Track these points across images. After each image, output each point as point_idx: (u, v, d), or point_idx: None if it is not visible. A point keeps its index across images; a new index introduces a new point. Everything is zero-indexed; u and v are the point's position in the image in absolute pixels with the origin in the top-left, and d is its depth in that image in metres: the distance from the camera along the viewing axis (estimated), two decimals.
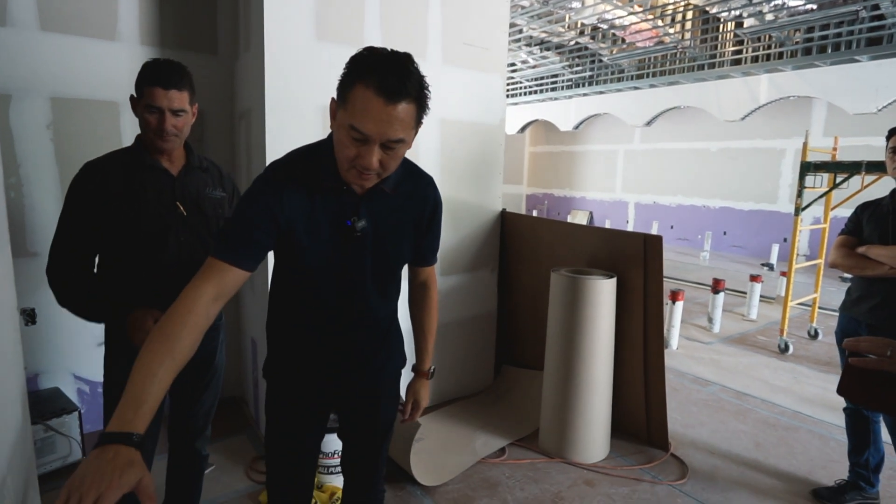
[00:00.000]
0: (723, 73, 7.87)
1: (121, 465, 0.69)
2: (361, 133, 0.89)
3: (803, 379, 3.56)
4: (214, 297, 0.92)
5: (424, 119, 0.97)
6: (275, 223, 0.98)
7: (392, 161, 0.95)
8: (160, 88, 1.30)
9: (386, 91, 0.86)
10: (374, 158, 0.92)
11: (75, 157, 2.09)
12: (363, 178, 0.96)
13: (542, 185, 14.30)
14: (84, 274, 1.37)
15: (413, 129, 0.95)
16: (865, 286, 1.97)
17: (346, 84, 0.90)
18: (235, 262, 0.95)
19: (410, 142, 0.96)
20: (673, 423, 2.73)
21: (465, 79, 2.72)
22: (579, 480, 2.24)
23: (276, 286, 1.15)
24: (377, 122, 0.88)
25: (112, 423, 0.74)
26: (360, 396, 1.22)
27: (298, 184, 1.00)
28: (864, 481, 2.10)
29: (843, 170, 3.85)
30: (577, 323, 2.32)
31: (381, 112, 0.87)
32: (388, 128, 0.89)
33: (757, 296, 5.15)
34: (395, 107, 0.88)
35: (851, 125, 8.04)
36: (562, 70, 9.61)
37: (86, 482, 0.67)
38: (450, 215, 2.78)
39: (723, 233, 10.21)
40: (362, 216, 1.04)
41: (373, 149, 0.91)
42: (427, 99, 0.95)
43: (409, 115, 0.91)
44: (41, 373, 2.30)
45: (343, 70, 0.91)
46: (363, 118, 0.88)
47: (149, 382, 0.79)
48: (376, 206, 1.05)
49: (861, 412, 2.08)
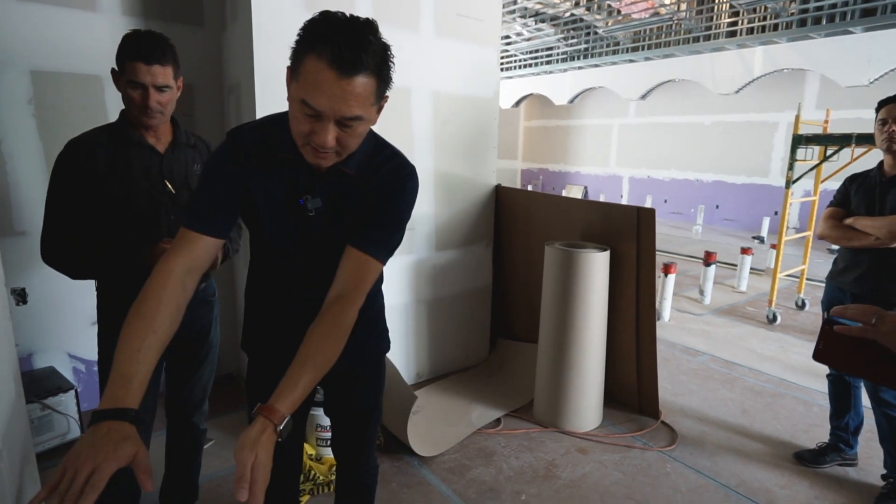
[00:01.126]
0: (718, 46, 7.78)
1: (115, 440, 0.70)
2: (313, 109, 0.82)
3: (790, 348, 3.64)
4: (187, 269, 0.91)
5: (389, 93, 0.90)
6: (235, 189, 0.96)
7: (351, 139, 0.88)
8: (142, 63, 1.26)
9: (340, 63, 0.78)
10: (330, 136, 0.85)
11: (59, 132, 2.04)
12: (319, 157, 0.89)
13: (537, 159, 14.23)
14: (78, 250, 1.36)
15: (373, 106, 0.88)
16: (851, 257, 2.01)
17: (298, 54, 0.83)
18: (203, 229, 0.93)
19: (372, 119, 0.90)
20: (663, 392, 2.80)
21: (458, 51, 2.67)
22: (572, 448, 2.30)
23: (251, 257, 1.14)
24: (330, 97, 0.81)
25: (104, 401, 0.75)
26: (336, 377, 1.17)
27: (258, 152, 0.96)
28: (844, 443, 2.19)
29: (834, 142, 3.87)
30: (571, 295, 2.35)
31: (335, 86, 0.80)
32: (342, 104, 0.81)
33: (747, 268, 5.22)
34: (350, 81, 0.80)
35: (844, 98, 8.03)
36: (556, 43, 9.45)
37: (81, 457, 0.67)
38: (444, 190, 2.77)
39: (715, 206, 10.27)
40: (317, 195, 0.98)
41: (327, 126, 0.84)
42: (390, 72, 0.87)
43: (368, 90, 0.83)
44: (35, 352, 2.30)
45: (296, 36, 0.83)
46: (315, 93, 0.81)
47: (134, 359, 0.79)
48: (334, 186, 0.99)
49: (843, 378, 2.15)
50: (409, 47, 2.49)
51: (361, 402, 1.22)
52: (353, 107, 0.82)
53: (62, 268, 1.35)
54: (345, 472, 1.30)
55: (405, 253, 2.68)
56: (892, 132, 1.85)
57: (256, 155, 0.96)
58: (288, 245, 1.04)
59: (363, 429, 1.25)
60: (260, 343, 1.16)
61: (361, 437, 1.25)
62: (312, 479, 1.96)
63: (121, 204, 1.33)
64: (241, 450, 0.76)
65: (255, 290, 1.15)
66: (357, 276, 0.98)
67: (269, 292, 1.12)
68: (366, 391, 1.22)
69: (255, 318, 1.16)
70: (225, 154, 0.97)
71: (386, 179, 1.01)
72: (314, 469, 1.99)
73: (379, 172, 1.01)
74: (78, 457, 0.67)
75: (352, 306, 0.95)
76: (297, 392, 0.85)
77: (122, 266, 1.34)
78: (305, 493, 1.92)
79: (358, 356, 1.18)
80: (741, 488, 2.05)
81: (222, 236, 0.97)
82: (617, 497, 1.98)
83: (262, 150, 0.96)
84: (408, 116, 2.56)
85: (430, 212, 2.74)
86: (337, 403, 1.24)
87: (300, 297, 1.08)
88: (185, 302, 0.90)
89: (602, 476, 2.11)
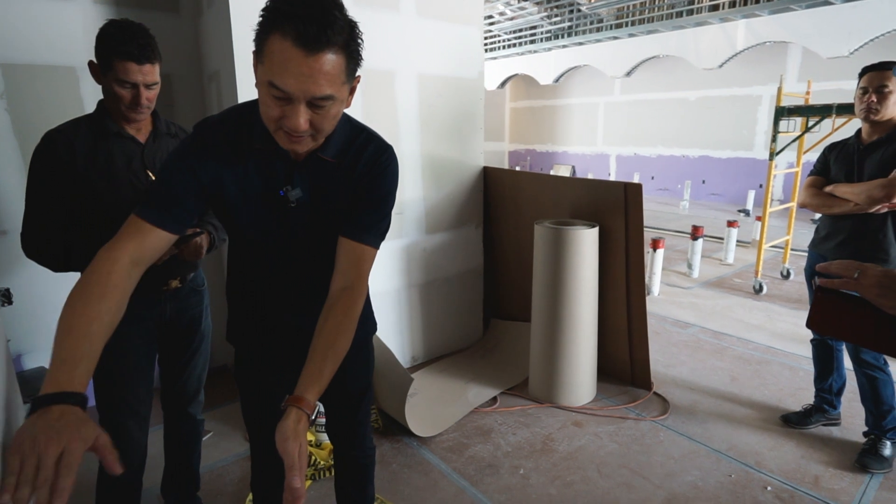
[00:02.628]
0: (701, 20, 7.77)
1: (74, 422, 0.64)
2: (282, 91, 0.78)
3: (776, 316, 3.73)
4: (133, 261, 0.86)
5: (360, 72, 0.88)
6: (198, 184, 0.92)
7: (325, 121, 0.84)
8: (134, 63, 1.25)
9: (306, 41, 0.75)
10: (302, 119, 0.81)
11: (35, 127, 1.99)
12: (293, 142, 0.85)
13: (524, 140, 14.19)
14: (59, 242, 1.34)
15: (345, 84, 0.84)
16: (832, 224, 2.05)
17: (262, 34, 0.79)
18: (157, 222, 0.89)
19: (345, 98, 0.86)
20: (655, 364, 2.86)
21: (441, 31, 2.64)
22: (568, 422, 2.35)
23: (229, 250, 1.13)
24: (298, 77, 0.77)
25: (47, 386, 0.69)
26: None
27: (229, 144, 0.92)
28: (828, 404, 2.27)
29: (815, 113, 3.93)
30: (562, 273, 2.38)
31: (302, 65, 0.76)
32: (311, 84, 0.78)
33: (734, 241, 5.30)
34: (317, 59, 0.77)
35: (825, 70, 8.09)
36: (540, 21, 9.36)
37: (39, 442, 0.61)
38: (431, 172, 2.76)
39: (702, 181, 10.36)
40: (296, 185, 0.95)
41: (298, 108, 0.80)
42: (359, 48, 0.84)
43: (337, 67, 0.80)
44: (24, 353, 2.27)
45: (258, 17, 0.79)
46: (282, 74, 0.77)
47: (81, 344, 0.74)
48: (314, 174, 0.96)
49: (826, 342, 2.21)
50: (390, 28, 2.45)
51: (351, 383, 1.22)
52: (324, 86, 0.79)
53: (43, 260, 1.34)
54: (342, 454, 1.32)
55: (395, 237, 2.68)
56: (872, 102, 1.88)
57: (227, 148, 0.93)
58: (269, 238, 1.01)
59: (355, 409, 1.26)
60: (245, 336, 1.16)
61: (354, 417, 1.26)
62: (313, 464, 1.98)
63: (102, 195, 1.32)
64: (285, 441, 0.79)
65: (236, 283, 1.13)
66: (357, 267, 0.98)
67: (249, 285, 1.11)
68: (355, 372, 1.23)
69: (237, 311, 1.15)
70: (188, 148, 0.94)
71: (369, 165, 0.99)
72: (314, 455, 2.01)
73: (360, 158, 0.98)
74: (36, 442, 0.60)
75: (359, 297, 0.97)
76: (323, 381, 0.89)
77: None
78: (307, 478, 1.95)
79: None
80: (732, 452, 2.11)
81: (176, 232, 0.92)
82: (612, 466, 2.03)
83: (233, 142, 0.93)
84: (392, 99, 2.53)
85: (419, 195, 2.74)
86: (330, 387, 1.25)
87: (282, 290, 1.07)
88: (129, 293, 0.85)
89: (598, 447, 2.16)
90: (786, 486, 1.91)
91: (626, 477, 1.97)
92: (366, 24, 2.82)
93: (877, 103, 1.87)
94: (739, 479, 1.95)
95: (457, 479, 1.97)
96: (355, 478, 1.34)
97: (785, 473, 1.98)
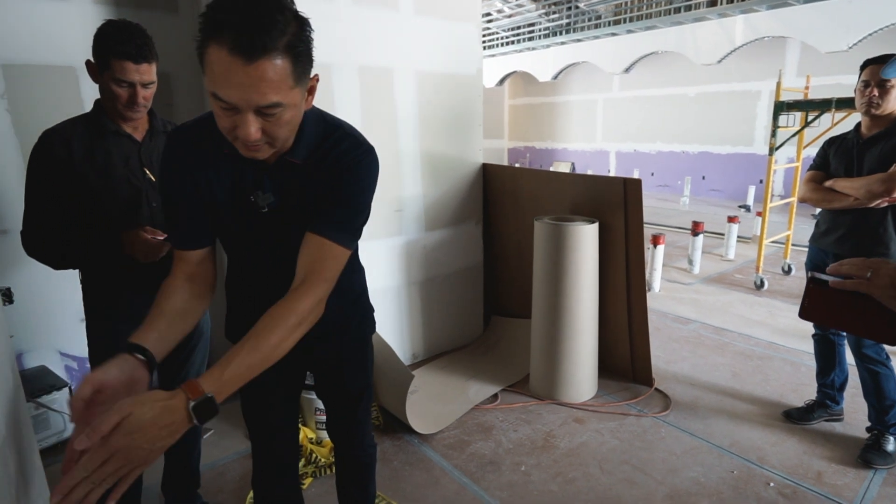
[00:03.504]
0: (699, 16, 7.76)
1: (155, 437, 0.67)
2: (225, 101, 0.75)
3: (777, 312, 3.73)
4: (188, 277, 0.95)
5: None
6: (191, 189, 0.94)
7: (278, 129, 0.81)
8: (131, 63, 1.26)
9: (242, 50, 0.71)
10: (252, 129, 0.77)
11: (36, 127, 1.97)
12: (252, 151, 0.82)
13: (524, 138, 14.18)
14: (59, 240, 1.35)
15: (294, 89, 0.79)
16: (832, 218, 2.04)
17: (201, 44, 0.75)
18: (182, 245, 0.96)
19: (297, 102, 0.81)
20: (656, 360, 2.86)
21: (439, 28, 2.63)
22: (569, 419, 2.35)
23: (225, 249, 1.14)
24: (238, 87, 0.73)
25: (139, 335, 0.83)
26: (320, 362, 1.19)
27: (200, 150, 0.92)
28: (830, 399, 2.26)
29: (815, 108, 3.91)
30: (562, 269, 2.37)
31: (241, 75, 0.72)
32: (252, 93, 0.74)
33: (734, 236, 5.30)
34: (257, 67, 0.72)
35: (824, 64, 8.07)
36: (538, 18, 9.35)
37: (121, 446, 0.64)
38: (430, 169, 2.76)
39: (702, 177, 10.35)
40: (267, 190, 0.93)
41: (247, 118, 0.76)
42: (309, 48, 0.79)
43: (281, 73, 0.75)
44: (25, 352, 2.27)
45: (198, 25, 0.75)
46: (222, 84, 0.74)
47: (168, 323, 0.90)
48: (285, 178, 0.93)
49: (828, 337, 2.21)
50: (389, 26, 2.44)
51: (350, 382, 1.22)
52: (267, 94, 0.75)
53: (44, 258, 1.35)
54: (342, 452, 1.31)
55: (395, 234, 2.68)
56: (873, 96, 1.87)
57: (199, 153, 0.92)
58: (248, 242, 1.01)
59: (354, 409, 1.25)
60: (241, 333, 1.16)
61: (353, 417, 1.26)
62: (314, 461, 1.98)
63: (99, 193, 1.33)
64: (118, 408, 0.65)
65: (231, 281, 1.14)
66: (316, 262, 0.90)
67: (242, 284, 1.11)
68: (353, 372, 1.22)
69: (233, 308, 1.16)
70: (165, 161, 0.95)
71: (338, 160, 0.94)
72: (315, 452, 2.01)
73: (329, 155, 0.94)
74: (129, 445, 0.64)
75: (309, 294, 0.87)
76: (231, 371, 0.76)
77: (103, 254, 1.34)
78: (308, 475, 1.95)
79: (342, 337, 1.18)
80: (734, 448, 2.11)
81: (205, 244, 0.98)
82: (614, 463, 2.03)
83: (205, 148, 0.91)
84: (391, 97, 2.53)
85: (419, 192, 2.73)
86: (326, 386, 1.25)
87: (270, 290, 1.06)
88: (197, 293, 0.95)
89: (599, 444, 2.16)
90: (788, 481, 1.91)
91: (627, 473, 1.97)
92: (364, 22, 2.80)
93: (878, 97, 1.86)
94: (742, 474, 1.95)
95: (458, 476, 1.97)
96: (356, 476, 1.33)
97: (787, 469, 1.97)
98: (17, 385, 0.96)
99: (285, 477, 1.25)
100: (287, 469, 1.26)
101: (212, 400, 0.72)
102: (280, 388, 1.19)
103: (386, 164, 2.58)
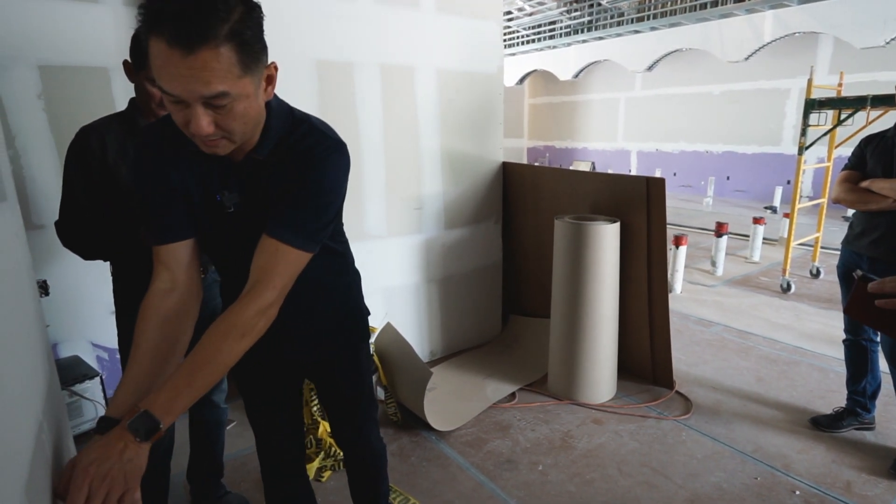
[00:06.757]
0: (726, 12, 7.58)
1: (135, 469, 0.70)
2: (171, 95, 0.73)
3: (804, 316, 3.62)
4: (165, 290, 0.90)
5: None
6: (167, 184, 0.90)
7: (232, 121, 0.78)
8: None
9: (180, 39, 0.68)
10: (203, 122, 0.75)
11: (70, 126, 2.05)
12: (210, 147, 0.80)
13: (543, 137, 14.08)
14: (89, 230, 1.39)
15: (244, 78, 0.75)
16: (867, 220, 1.98)
17: (143, 37, 0.72)
18: (163, 238, 0.90)
19: (250, 93, 0.78)
20: (677, 363, 2.81)
21: (460, 26, 2.63)
22: (588, 420, 2.33)
23: None
24: (180, 79, 0.71)
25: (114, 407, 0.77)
26: (314, 367, 1.18)
27: (170, 147, 0.89)
28: (861, 407, 2.19)
29: (848, 105, 3.77)
30: (582, 269, 2.35)
31: (181, 66, 0.70)
32: (196, 83, 0.71)
33: (760, 238, 5.17)
34: (197, 57, 0.69)
35: (858, 61, 7.79)
36: (559, 16, 9.26)
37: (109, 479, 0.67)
38: (451, 168, 2.76)
39: (726, 178, 10.13)
40: (233, 189, 0.90)
41: (196, 111, 0.74)
42: (258, 34, 0.76)
43: (225, 61, 0.72)
44: (59, 342, 2.36)
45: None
46: (164, 77, 0.71)
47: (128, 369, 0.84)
48: (250, 177, 0.90)
49: (859, 343, 2.14)
50: (410, 24, 2.45)
51: (345, 389, 1.21)
52: (212, 83, 0.72)
53: (75, 247, 1.40)
54: (348, 455, 1.31)
55: (414, 232, 2.69)
56: None
57: (169, 150, 0.90)
58: (218, 242, 0.98)
59: (352, 415, 1.23)
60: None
61: (353, 423, 1.24)
62: (333, 455, 2.01)
63: (130, 188, 1.36)
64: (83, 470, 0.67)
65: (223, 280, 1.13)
66: (267, 267, 0.85)
67: (227, 284, 1.09)
68: (347, 379, 1.20)
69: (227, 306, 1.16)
70: (138, 156, 0.92)
71: (304, 156, 0.89)
72: (334, 446, 2.04)
73: (292, 151, 0.89)
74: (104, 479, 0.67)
75: (253, 302, 0.83)
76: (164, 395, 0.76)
77: (131, 247, 1.38)
78: (327, 469, 1.98)
79: (331, 345, 1.14)
80: (757, 454, 2.06)
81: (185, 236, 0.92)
82: (633, 465, 2.01)
83: (174, 145, 0.89)
84: (412, 95, 2.54)
85: (438, 191, 2.74)
86: (322, 392, 1.25)
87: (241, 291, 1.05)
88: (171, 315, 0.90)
89: (618, 445, 2.13)
90: (815, 490, 1.86)
91: (647, 476, 1.95)
92: (386, 20, 2.82)
93: None
94: (766, 481, 1.91)
95: (475, 473, 1.97)
96: (364, 477, 1.34)
97: (814, 477, 1.92)
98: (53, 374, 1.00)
99: (292, 478, 1.25)
100: (292, 471, 1.25)
101: (146, 413, 0.73)
102: (277, 394, 1.18)
103: (406, 162, 2.63)
